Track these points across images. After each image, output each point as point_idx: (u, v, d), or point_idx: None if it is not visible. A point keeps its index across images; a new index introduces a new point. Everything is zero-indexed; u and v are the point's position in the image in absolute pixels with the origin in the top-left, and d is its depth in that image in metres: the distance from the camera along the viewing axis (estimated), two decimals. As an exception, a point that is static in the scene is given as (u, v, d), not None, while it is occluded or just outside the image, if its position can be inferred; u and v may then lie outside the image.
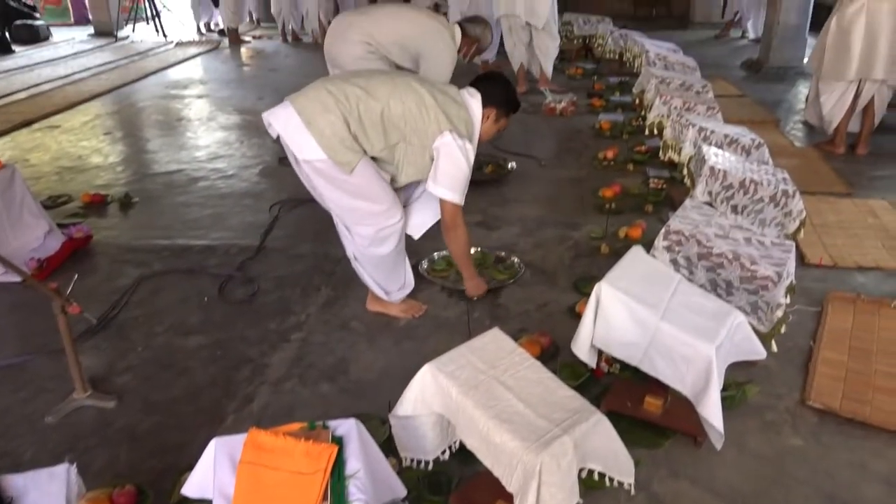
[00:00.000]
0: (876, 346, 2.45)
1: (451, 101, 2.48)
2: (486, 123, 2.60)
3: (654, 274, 2.14)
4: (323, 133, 2.31)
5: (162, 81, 7.44)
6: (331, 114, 2.32)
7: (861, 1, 4.10)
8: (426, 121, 2.40)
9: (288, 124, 2.37)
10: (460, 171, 2.46)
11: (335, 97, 2.35)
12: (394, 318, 2.73)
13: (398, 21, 3.68)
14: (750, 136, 3.58)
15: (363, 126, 2.36)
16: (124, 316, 2.80)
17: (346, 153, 2.33)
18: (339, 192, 2.42)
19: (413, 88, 2.43)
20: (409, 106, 2.39)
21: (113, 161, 4.78)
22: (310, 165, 2.39)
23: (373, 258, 2.57)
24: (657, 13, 10.90)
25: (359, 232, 2.51)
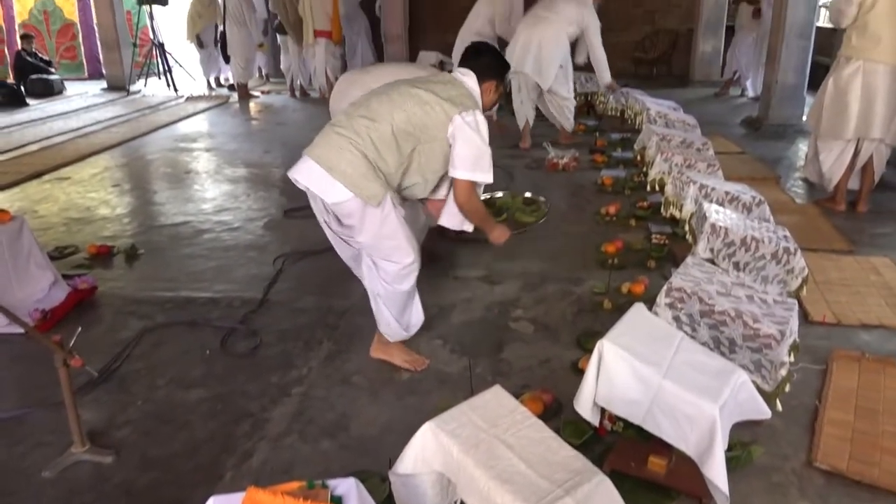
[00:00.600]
0: (882, 405, 2.43)
1: (448, 87, 2.58)
2: (486, 97, 2.70)
3: (657, 331, 2.14)
4: (346, 173, 2.42)
5: (171, 135, 7.58)
6: (347, 153, 2.43)
7: (857, 62, 4.19)
8: (432, 115, 2.51)
9: (312, 176, 2.48)
10: (477, 149, 2.55)
11: (346, 137, 2.46)
12: (396, 371, 2.72)
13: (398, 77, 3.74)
14: (750, 193, 3.62)
15: (379, 152, 2.46)
16: (126, 368, 2.79)
17: (371, 186, 2.43)
18: (369, 231, 2.52)
19: (409, 93, 2.54)
20: (412, 110, 2.50)
21: (120, 213, 4.84)
22: (340, 208, 2.49)
23: (394, 294, 2.65)
24: (658, 72, 11.13)
25: (385, 268, 2.59)
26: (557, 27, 5.84)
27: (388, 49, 8.87)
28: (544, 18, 5.84)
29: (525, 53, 5.81)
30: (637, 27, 11.28)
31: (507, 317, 3.18)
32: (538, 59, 5.83)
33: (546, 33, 5.78)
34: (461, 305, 3.30)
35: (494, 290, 3.46)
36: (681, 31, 11.01)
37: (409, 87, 2.58)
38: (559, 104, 6.22)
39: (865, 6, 4.05)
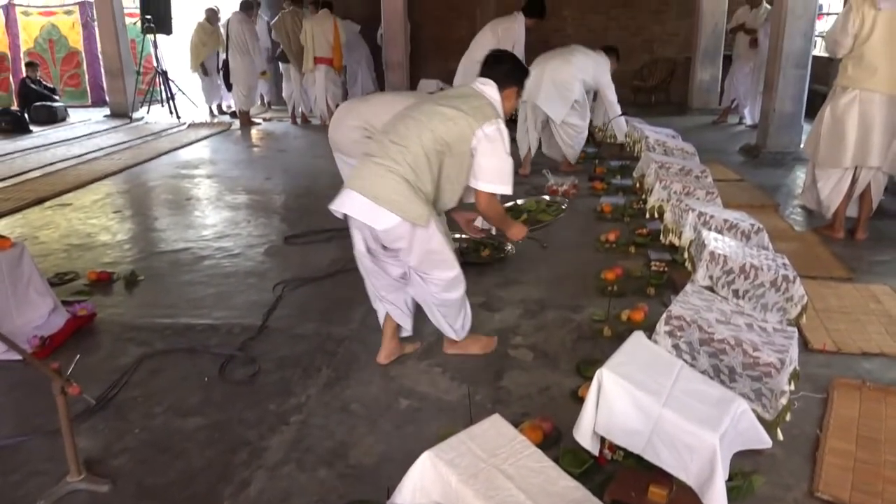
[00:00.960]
0: (884, 435, 2.41)
1: (469, 99, 2.71)
2: (507, 103, 2.83)
3: (656, 360, 2.13)
4: (391, 199, 2.53)
5: (173, 161, 7.63)
6: (389, 180, 2.55)
7: (854, 91, 4.23)
8: (456, 131, 2.63)
9: (358, 207, 2.59)
10: (498, 161, 2.68)
11: (384, 165, 2.58)
12: (394, 399, 2.71)
13: (395, 107, 3.73)
14: (749, 221, 3.63)
15: (416, 174, 2.59)
16: (124, 396, 2.78)
17: (417, 208, 2.56)
18: (419, 250, 2.65)
19: (433, 112, 2.67)
20: (438, 128, 2.62)
21: (121, 239, 4.85)
22: (389, 234, 2.60)
23: (448, 301, 2.81)
24: (656, 100, 11.23)
25: (436, 281, 2.74)
26: (574, 70, 6.04)
27: (389, 77, 8.96)
28: (560, 57, 6.03)
29: (538, 84, 5.88)
30: (636, 56, 11.39)
31: (507, 344, 3.17)
32: (551, 93, 5.90)
33: (561, 70, 5.94)
34: (461, 333, 3.29)
35: (494, 318, 3.46)
36: (679, 60, 11.14)
37: (432, 106, 2.70)
38: (570, 133, 6.31)
39: (861, 37, 4.10)
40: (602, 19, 11.33)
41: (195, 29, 10.64)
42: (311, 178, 6.70)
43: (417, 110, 2.71)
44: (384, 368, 2.96)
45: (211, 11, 10.75)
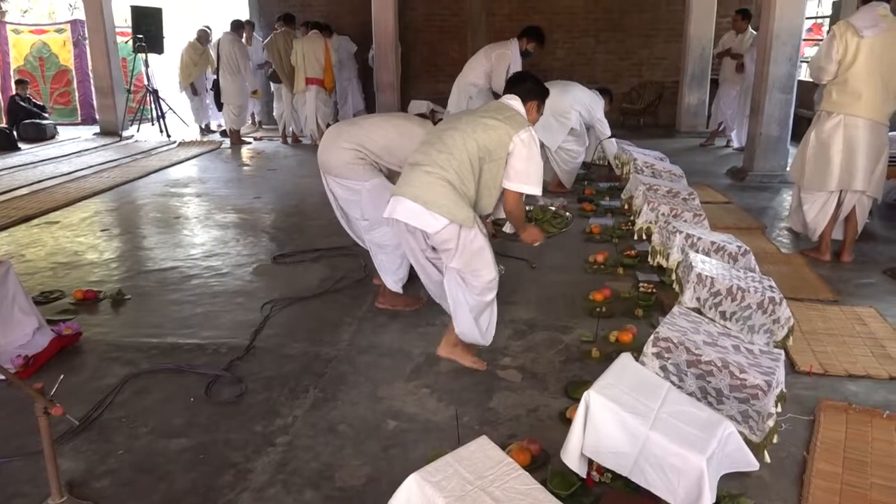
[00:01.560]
0: (871, 457, 2.42)
1: (503, 111, 2.99)
2: (529, 116, 3.08)
3: (644, 382, 2.13)
4: (440, 204, 2.77)
5: (162, 180, 7.62)
6: (438, 186, 2.80)
7: (838, 116, 4.29)
8: (495, 138, 2.88)
9: (411, 213, 2.83)
10: (530, 164, 2.92)
11: (433, 173, 2.82)
12: (382, 420, 2.69)
13: (385, 129, 3.73)
14: (736, 243, 3.66)
15: (462, 179, 2.84)
16: (108, 416, 2.75)
17: (463, 211, 2.80)
18: (463, 251, 2.85)
19: (475, 122, 2.93)
20: (481, 136, 2.87)
21: (108, 257, 4.83)
22: (439, 236, 2.82)
23: (480, 304, 2.96)
24: (644, 122, 11.34)
25: (473, 283, 2.90)
26: (571, 99, 6.15)
27: (380, 98, 9.02)
28: (559, 87, 6.06)
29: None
30: (625, 79, 11.54)
31: (495, 364, 3.17)
32: (548, 122, 5.91)
33: (559, 100, 5.94)
34: (449, 353, 3.28)
35: (483, 338, 3.45)
36: (667, 84, 11.27)
37: (473, 118, 2.97)
38: (566, 158, 6.37)
39: (845, 64, 4.17)
40: (591, 42, 11.47)
41: (185, 48, 10.69)
42: (301, 197, 6.70)
43: (460, 122, 2.98)
44: (371, 389, 2.95)
45: (202, 32, 10.81)
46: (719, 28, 9.99)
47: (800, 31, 6.73)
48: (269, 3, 12.04)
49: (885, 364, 3.11)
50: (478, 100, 6.59)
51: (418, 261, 3.08)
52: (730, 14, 9.49)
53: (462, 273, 2.90)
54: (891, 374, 3.02)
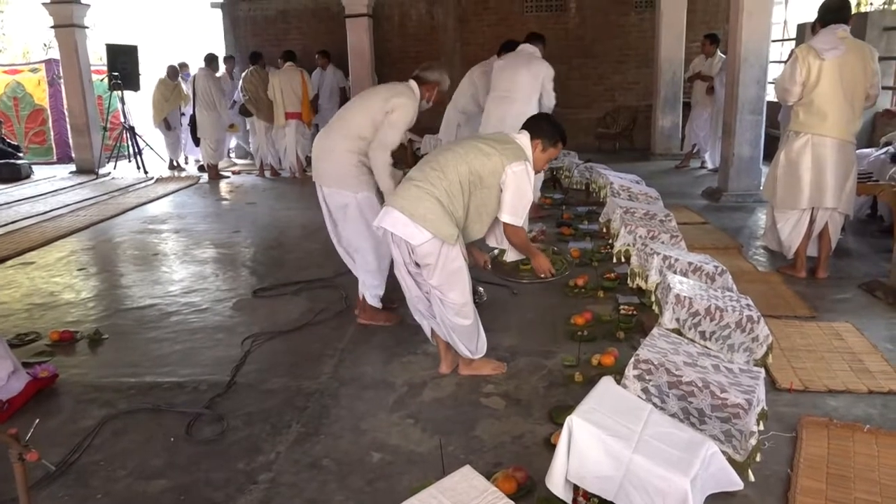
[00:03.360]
0: (853, 472, 2.43)
1: (504, 142, 3.10)
2: (535, 153, 3.17)
3: (626, 405, 2.14)
4: (426, 218, 2.90)
5: (140, 217, 7.57)
6: (426, 201, 2.92)
7: (806, 136, 4.39)
8: (490, 163, 3.00)
9: (397, 223, 2.95)
10: (524, 198, 3.06)
11: (423, 188, 2.95)
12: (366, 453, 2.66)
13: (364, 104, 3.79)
14: (713, 263, 3.70)
15: (450, 198, 2.96)
16: (85, 460, 2.69)
17: (447, 227, 2.92)
18: (442, 269, 2.98)
19: (472, 146, 3.06)
20: (474, 159, 3.00)
21: (85, 297, 4.77)
22: (421, 249, 2.94)
23: (457, 325, 3.10)
24: (620, 146, 11.50)
25: (450, 305, 3.04)
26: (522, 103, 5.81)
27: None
28: (506, 98, 5.87)
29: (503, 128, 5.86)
30: (599, 104, 11.72)
31: (479, 392, 3.16)
32: None
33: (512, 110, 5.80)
34: (432, 382, 3.27)
35: (465, 366, 3.44)
36: (640, 108, 11.45)
37: (473, 142, 3.11)
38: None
39: (809, 85, 4.27)
40: (565, 69, 11.60)
41: (156, 85, 10.72)
42: (280, 230, 6.69)
43: (459, 145, 3.14)
44: (354, 421, 2.93)
45: (171, 68, 10.86)
46: (689, 52, 10.20)
47: (766, 53, 6.89)
48: (245, 38, 12.13)
49: (863, 378, 3.14)
50: (466, 128, 6.65)
51: (401, 273, 3.16)
52: (699, 39, 9.72)
53: (439, 292, 3.03)
54: (870, 388, 3.05)
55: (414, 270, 3.10)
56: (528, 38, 5.97)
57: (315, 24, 11.96)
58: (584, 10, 11.46)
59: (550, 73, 5.86)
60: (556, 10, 11.53)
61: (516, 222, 3.11)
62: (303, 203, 8.07)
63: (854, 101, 4.28)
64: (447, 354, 3.34)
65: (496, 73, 5.92)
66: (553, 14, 11.54)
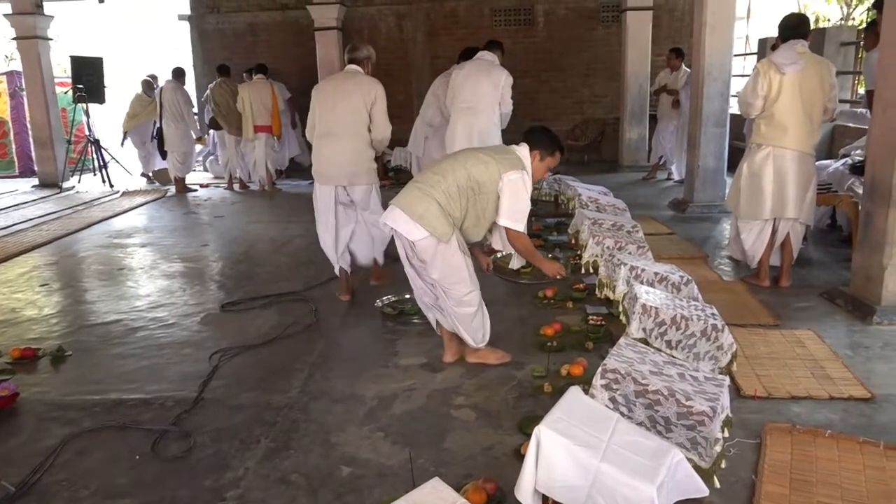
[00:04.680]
0: (816, 476, 2.48)
1: (502, 152, 3.34)
2: (534, 162, 3.38)
3: (593, 414, 2.16)
4: (423, 216, 3.14)
5: (105, 231, 7.44)
6: (424, 201, 3.17)
7: (767, 148, 4.49)
8: (488, 171, 3.23)
9: (398, 220, 3.21)
10: (520, 204, 3.29)
11: (423, 190, 3.21)
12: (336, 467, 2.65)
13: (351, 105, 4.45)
14: (679, 273, 3.76)
15: (448, 200, 3.19)
16: (47, 480, 2.63)
17: (442, 226, 3.16)
18: (440, 263, 3.23)
19: (471, 154, 3.33)
20: (473, 167, 3.24)
21: (48, 313, 4.67)
22: (419, 245, 3.19)
23: (461, 315, 3.35)
24: (588, 158, 11.64)
25: (452, 295, 3.29)
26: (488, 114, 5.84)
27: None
28: (472, 109, 5.83)
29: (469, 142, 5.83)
30: (567, 117, 11.86)
31: (449, 404, 3.16)
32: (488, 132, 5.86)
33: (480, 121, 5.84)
34: (402, 395, 3.26)
35: (436, 378, 3.45)
36: (608, 120, 11.62)
37: (473, 152, 3.38)
38: None
39: (770, 99, 4.38)
40: (533, 82, 11.77)
41: (132, 100, 10.64)
42: (249, 243, 6.63)
43: (461, 154, 3.42)
44: (324, 436, 2.91)
45: (146, 83, 10.76)
46: (655, 66, 10.38)
47: (729, 67, 7.05)
48: (213, 51, 12.06)
49: (825, 384, 3.21)
50: (433, 139, 6.65)
51: (407, 267, 3.41)
52: (664, 53, 9.91)
53: (441, 285, 3.28)
54: (831, 394, 3.12)
55: (417, 265, 3.33)
56: (487, 46, 6.03)
57: (284, 37, 11.95)
58: (551, 24, 11.62)
59: (509, 80, 5.88)
60: (525, 24, 11.67)
61: (514, 227, 3.32)
62: (272, 216, 8.03)
63: (813, 114, 4.40)
64: (451, 344, 3.57)
65: (458, 82, 5.92)
66: (522, 28, 11.69)
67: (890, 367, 3.43)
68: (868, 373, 3.35)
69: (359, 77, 4.56)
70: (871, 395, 3.10)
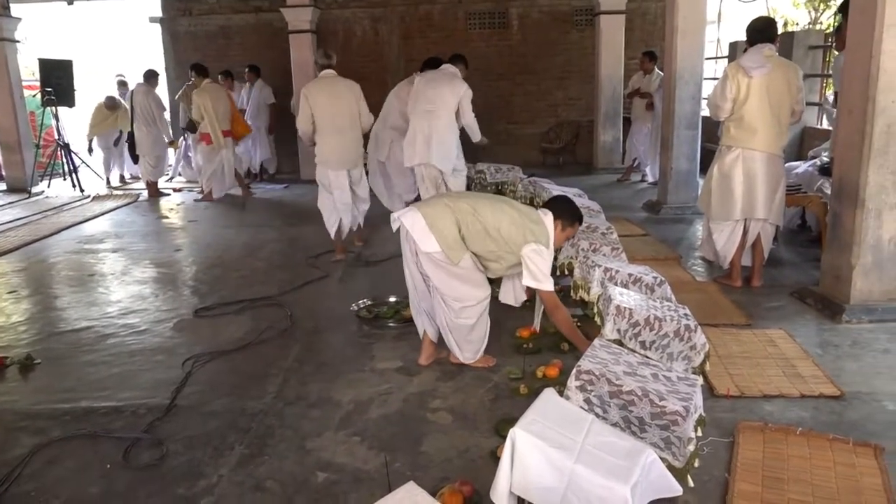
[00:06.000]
0: (787, 474, 2.52)
1: (532, 219, 3.36)
2: (556, 231, 3.45)
3: (567, 415, 2.17)
4: (442, 233, 3.21)
5: (76, 236, 7.32)
6: (448, 220, 3.23)
7: (737, 150, 4.56)
8: (517, 234, 3.28)
9: (415, 224, 3.25)
10: (539, 269, 3.30)
11: (451, 209, 3.26)
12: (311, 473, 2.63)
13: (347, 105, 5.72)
14: (652, 274, 3.79)
15: (470, 232, 3.26)
16: (15, 491, 2.58)
17: (456, 250, 3.23)
18: (444, 275, 3.29)
19: (507, 211, 3.33)
20: (504, 224, 3.27)
21: (16, 321, 4.58)
22: (427, 256, 3.26)
23: (457, 326, 3.38)
24: (564, 160, 11.70)
25: (451, 305, 3.34)
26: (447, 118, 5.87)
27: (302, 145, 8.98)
28: (432, 112, 5.83)
29: (427, 146, 5.86)
30: (542, 119, 11.92)
31: (426, 408, 3.16)
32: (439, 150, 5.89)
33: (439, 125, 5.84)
34: (378, 399, 3.25)
35: (412, 381, 3.44)
36: (582, 123, 11.70)
37: (509, 206, 3.37)
38: (462, 180, 6.31)
39: (739, 102, 4.45)
40: (508, 85, 11.82)
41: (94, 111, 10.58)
42: (223, 248, 6.56)
43: (501, 202, 3.42)
44: (299, 441, 2.88)
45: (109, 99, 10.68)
46: (628, 69, 10.48)
47: (700, 71, 7.14)
48: (186, 53, 11.93)
49: (796, 383, 3.26)
50: (397, 144, 6.64)
51: (409, 266, 3.44)
52: (637, 56, 10.01)
53: (441, 293, 3.32)
54: (802, 392, 3.17)
55: (422, 269, 3.37)
56: (451, 59, 6.17)
57: (257, 39, 11.85)
58: (525, 27, 11.67)
59: (469, 93, 5.91)
60: (499, 27, 11.71)
61: (538, 286, 3.33)
62: (246, 220, 7.95)
63: (781, 116, 4.47)
64: (429, 348, 3.62)
65: (419, 87, 5.96)
66: (496, 31, 11.72)
67: (859, 365, 3.50)
68: (838, 371, 3.41)
69: (343, 80, 5.71)
70: (841, 393, 3.15)
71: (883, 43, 3.74)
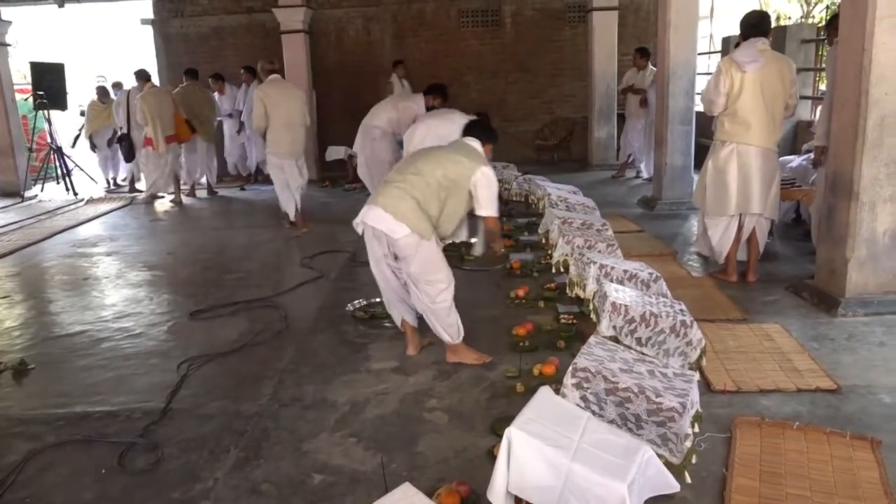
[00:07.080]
0: (785, 468, 2.51)
1: (467, 149, 3.59)
2: (486, 152, 3.67)
3: (564, 414, 2.16)
4: (406, 215, 3.28)
5: (70, 240, 7.29)
6: (404, 200, 3.30)
7: (731, 145, 4.55)
8: (461, 169, 3.44)
9: (378, 220, 3.32)
10: (492, 192, 3.51)
11: (402, 188, 3.34)
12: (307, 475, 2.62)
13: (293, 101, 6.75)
14: (647, 270, 3.79)
15: (426, 198, 3.34)
16: (9, 498, 2.56)
17: (423, 224, 3.32)
18: (418, 259, 3.35)
19: (445, 156, 3.51)
20: (448, 167, 3.43)
21: (9, 326, 4.56)
22: (400, 243, 3.31)
23: (436, 310, 3.44)
24: (558, 157, 11.70)
25: (428, 291, 3.41)
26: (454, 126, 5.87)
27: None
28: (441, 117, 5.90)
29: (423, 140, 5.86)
30: (536, 117, 11.91)
31: (422, 407, 3.14)
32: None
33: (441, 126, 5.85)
34: (375, 399, 3.24)
35: (408, 381, 3.43)
36: (577, 120, 11.69)
37: (444, 152, 3.57)
38: None
39: (732, 96, 4.44)
40: (502, 83, 11.81)
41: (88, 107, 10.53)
42: (217, 250, 6.54)
43: (433, 153, 3.59)
44: (295, 443, 2.87)
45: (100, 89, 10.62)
46: (622, 65, 10.48)
47: (694, 66, 7.14)
48: (178, 55, 11.89)
49: (792, 377, 3.25)
50: (381, 142, 6.72)
51: (379, 266, 3.52)
52: (630, 52, 10.00)
53: (417, 280, 3.38)
54: (798, 386, 3.16)
55: (392, 264, 3.48)
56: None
57: (250, 40, 11.81)
58: (519, 25, 11.66)
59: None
60: (492, 24, 11.69)
61: (493, 213, 3.56)
62: (241, 222, 7.93)
63: (774, 110, 4.47)
64: (413, 337, 3.72)
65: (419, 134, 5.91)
66: (489, 29, 11.71)
67: (855, 358, 3.49)
68: (834, 364, 3.41)
69: (292, 85, 7.20)
70: (837, 387, 3.15)
71: (875, 36, 3.74)
